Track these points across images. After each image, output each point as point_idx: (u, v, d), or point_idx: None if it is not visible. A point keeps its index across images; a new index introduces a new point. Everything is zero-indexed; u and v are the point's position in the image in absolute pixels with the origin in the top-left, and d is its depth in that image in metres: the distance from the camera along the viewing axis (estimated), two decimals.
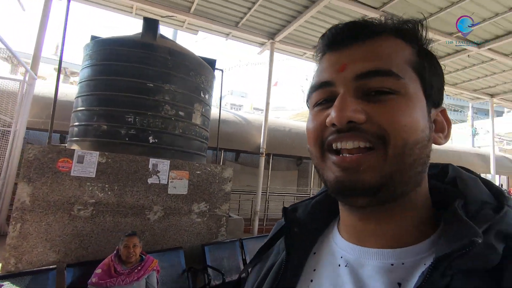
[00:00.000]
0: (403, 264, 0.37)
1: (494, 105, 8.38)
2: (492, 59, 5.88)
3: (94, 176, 2.69)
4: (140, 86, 3.10)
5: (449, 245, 0.33)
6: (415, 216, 0.40)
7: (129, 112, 3.02)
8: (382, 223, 0.40)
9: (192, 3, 4.86)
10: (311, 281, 0.43)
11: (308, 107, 0.47)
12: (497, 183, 9.77)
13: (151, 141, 3.08)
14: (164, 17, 5.21)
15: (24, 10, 4.97)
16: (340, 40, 0.41)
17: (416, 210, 0.40)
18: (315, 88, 0.43)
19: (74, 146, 3.08)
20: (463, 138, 15.33)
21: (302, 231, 0.48)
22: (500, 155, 9.75)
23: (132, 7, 5.08)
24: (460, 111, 28.67)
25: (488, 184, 0.41)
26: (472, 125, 13.03)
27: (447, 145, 11.95)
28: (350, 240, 0.43)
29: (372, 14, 4.44)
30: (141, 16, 5.30)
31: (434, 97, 0.41)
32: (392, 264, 0.37)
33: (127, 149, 2.98)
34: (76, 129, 3.15)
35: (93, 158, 2.70)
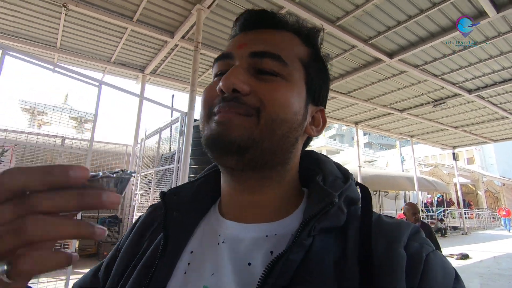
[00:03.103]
0: (275, 235, 0.41)
1: (414, 142, 12.09)
2: (409, 118, 9.27)
3: None
4: None
5: (314, 207, 0.39)
6: (285, 191, 0.45)
7: None
8: (256, 194, 0.44)
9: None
10: (188, 264, 0.42)
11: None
12: (419, 198, 13.36)
13: None
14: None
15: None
16: (248, 24, 0.47)
17: (286, 185, 0.45)
18: (217, 59, 0.47)
19: None
20: (395, 162, 19.62)
21: (183, 214, 0.46)
22: (420, 177, 13.49)
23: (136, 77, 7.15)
24: (388, 137, 34.87)
25: (338, 165, 0.50)
26: (400, 154, 17.17)
27: (385, 171, 15.60)
28: (229, 218, 0.45)
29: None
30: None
31: (316, 95, 0.47)
32: (266, 236, 0.41)
33: None
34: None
35: None
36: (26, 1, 3.97)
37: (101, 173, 0.27)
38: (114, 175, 0.27)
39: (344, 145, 31.17)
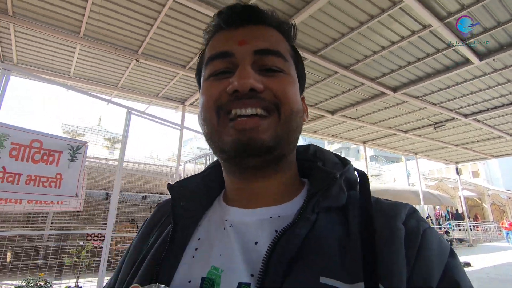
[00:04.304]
0: (279, 216, 0.44)
1: (418, 158, 12.92)
2: (412, 138, 10.17)
3: None
4: None
5: (317, 185, 0.43)
6: (289, 176, 0.49)
7: None
8: (265, 181, 0.46)
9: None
10: (196, 249, 0.44)
11: (199, 80, 0.51)
12: (425, 211, 13.97)
13: None
14: None
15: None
16: (237, 19, 0.48)
17: (290, 170, 0.49)
18: (213, 57, 0.46)
19: None
20: (401, 176, 20.31)
21: (190, 204, 0.49)
22: (425, 191, 14.19)
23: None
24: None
25: (336, 154, 0.54)
26: (406, 169, 17.92)
27: (391, 185, 16.27)
28: (235, 205, 0.48)
29: None
30: None
31: (302, 85, 0.52)
32: (270, 217, 0.44)
33: None
34: None
35: None
36: (105, 55, 5.07)
37: None
38: None
39: (350, 159, 31.78)
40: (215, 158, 0.55)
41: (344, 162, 0.50)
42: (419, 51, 4.99)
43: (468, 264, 7.87)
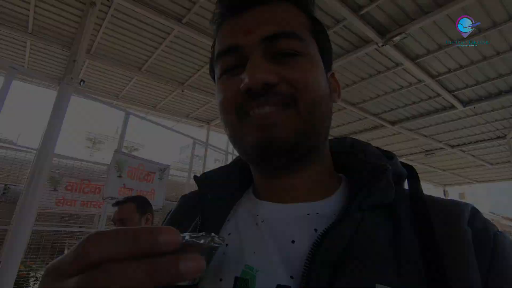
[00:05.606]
0: (317, 213, 0.39)
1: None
2: (404, 162, 11.26)
3: None
4: None
5: (362, 180, 0.38)
6: (324, 169, 0.44)
7: None
8: (296, 177, 0.42)
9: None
10: (226, 245, 0.41)
11: (214, 78, 0.46)
12: None
13: None
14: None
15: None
16: (239, 4, 0.42)
17: (324, 163, 0.45)
18: (222, 53, 0.42)
19: None
20: None
21: (217, 197, 0.46)
22: None
23: None
24: None
25: (377, 147, 0.48)
26: None
27: None
28: (266, 199, 0.44)
29: None
30: None
31: (327, 60, 0.45)
32: (308, 214, 0.40)
33: None
34: None
35: None
36: (155, 84, 6.03)
37: (186, 237, 0.23)
38: (202, 241, 0.24)
39: None
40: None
41: (389, 154, 0.46)
42: (415, 96, 6.09)
43: None
